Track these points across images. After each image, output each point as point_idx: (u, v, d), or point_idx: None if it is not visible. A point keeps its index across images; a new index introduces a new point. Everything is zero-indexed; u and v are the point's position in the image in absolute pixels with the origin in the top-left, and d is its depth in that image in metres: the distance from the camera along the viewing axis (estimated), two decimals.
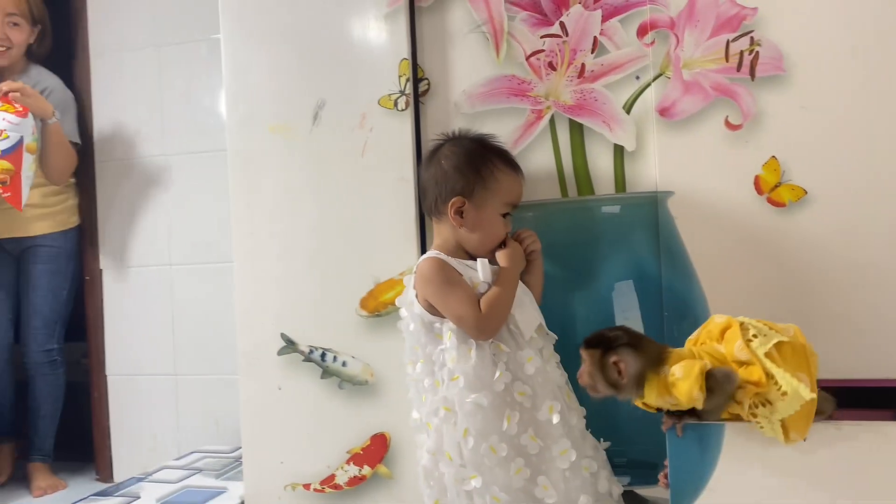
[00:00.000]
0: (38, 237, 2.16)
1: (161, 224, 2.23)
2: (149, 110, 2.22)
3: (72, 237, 2.21)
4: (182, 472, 1.86)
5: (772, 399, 1.02)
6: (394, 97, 1.45)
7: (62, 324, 2.22)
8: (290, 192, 1.55)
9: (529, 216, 1.40)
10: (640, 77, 1.34)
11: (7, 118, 1.97)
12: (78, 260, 2.25)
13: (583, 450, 1.23)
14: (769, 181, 1.27)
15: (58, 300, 2.19)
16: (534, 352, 1.23)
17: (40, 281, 2.18)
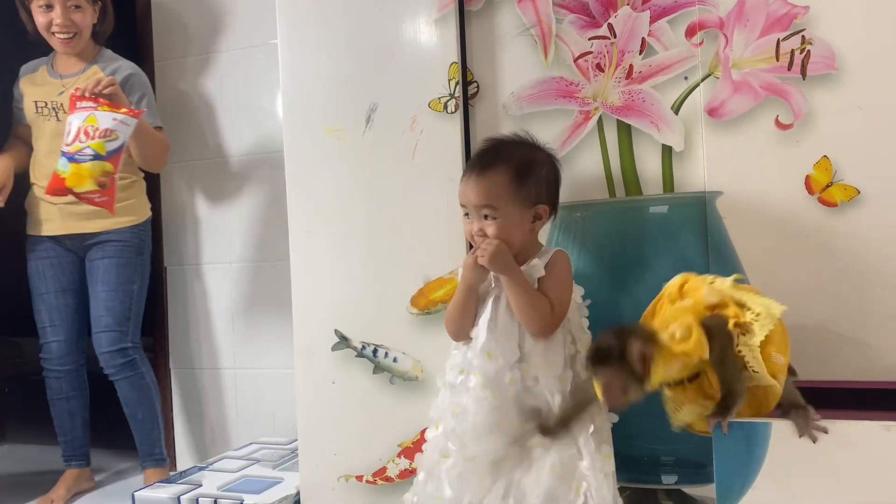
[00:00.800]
0: (103, 233, 2.08)
1: (221, 223, 2.32)
2: (209, 113, 2.31)
3: (138, 232, 2.13)
4: (241, 462, 1.93)
5: (749, 326, 1.03)
6: (444, 100, 1.49)
7: (136, 321, 2.12)
8: (343, 193, 1.60)
9: (577, 216, 1.42)
10: (688, 77, 1.34)
11: (119, 119, 1.88)
12: (148, 255, 2.18)
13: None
14: (820, 181, 1.26)
15: (128, 295, 2.09)
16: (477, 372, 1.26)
17: (108, 275, 2.08)
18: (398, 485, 1.55)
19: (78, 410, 2.16)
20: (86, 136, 1.85)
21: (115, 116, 1.87)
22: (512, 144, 1.31)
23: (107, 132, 1.86)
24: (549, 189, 1.28)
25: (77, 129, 1.85)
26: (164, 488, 1.75)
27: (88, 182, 1.85)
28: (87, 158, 1.84)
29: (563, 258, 1.27)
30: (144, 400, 2.10)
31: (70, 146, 1.85)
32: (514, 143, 1.31)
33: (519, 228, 1.26)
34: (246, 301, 2.31)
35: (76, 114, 1.87)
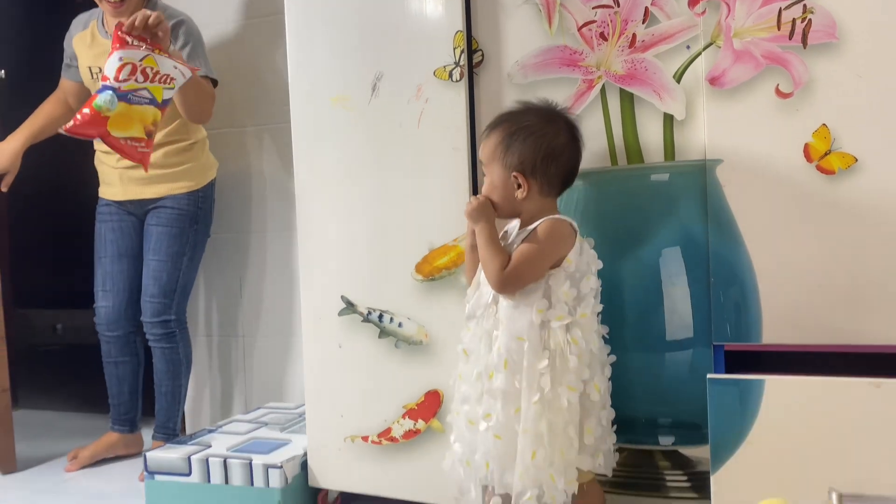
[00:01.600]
0: (160, 199, 2.08)
1: (229, 193, 2.35)
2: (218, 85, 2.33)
3: (196, 199, 2.10)
4: (250, 426, 1.98)
5: None
6: (449, 69, 1.50)
7: (183, 294, 2.12)
8: (349, 161, 1.62)
9: (580, 184, 1.44)
10: (690, 47, 1.36)
11: (179, 68, 1.71)
12: (206, 223, 2.16)
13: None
14: (819, 149, 1.28)
15: (177, 267, 2.08)
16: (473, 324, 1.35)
17: (159, 244, 2.07)
18: (402, 445, 1.59)
19: (126, 376, 2.19)
20: (143, 76, 1.65)
21: (175, 64, 1.71)
22: (529, 112, 1.34)
23: (167, 78, 1.69)
24: (536, 161, 1.30)
25: (132, 66, 1.64)
26: (174, 449, 1.80)
27: (137, 127, 1.66)
28: (143, 101, 1.65)
29: (548, 225, 1.30)
30: (173, 374, 2.13)
31: (123, 82, 1.63)
32: (531, 111, 1.34)
33: (502, 191, 1.32)
34: (255, 270, 2.35)
35: (127, 50, 1.65)
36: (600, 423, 1.31)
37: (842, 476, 1.08)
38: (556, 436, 1.25)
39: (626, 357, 1.42)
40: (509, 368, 1.27)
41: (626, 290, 1.43)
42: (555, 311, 1.27)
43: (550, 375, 1.25)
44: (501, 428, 1.27)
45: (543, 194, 1.33)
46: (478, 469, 1.31)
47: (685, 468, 1.41)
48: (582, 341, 1.27)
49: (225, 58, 2.31)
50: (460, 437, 1.35)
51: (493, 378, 1.28)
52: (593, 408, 1.29)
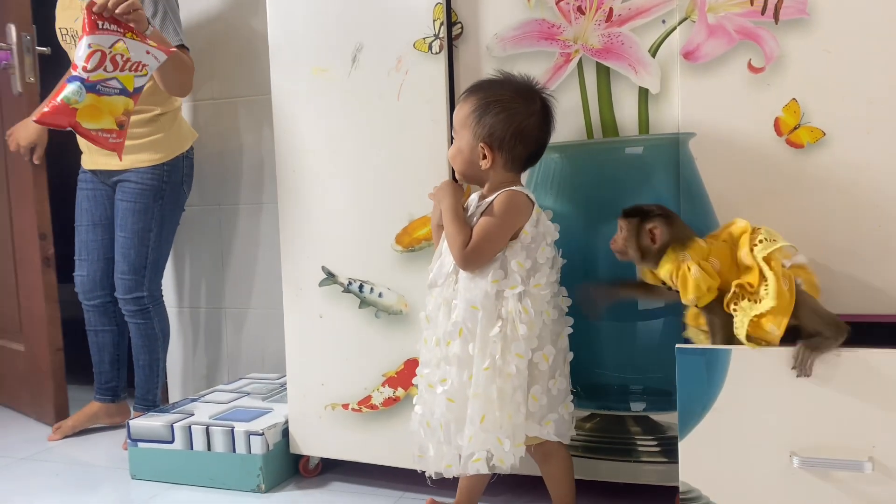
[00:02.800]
0: (126, 171, 2.02)
1: (208, 166, 2.35)
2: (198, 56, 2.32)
3: (161, 173, 2.03)
4: (232, 395, 2.00)
5: (756, 296, 1.16)
6: (428, 41, 1.51)
7: (154, 269, 2.09)
8: (330, 133, 1.63)
9: (556, 157, 1.47)
10: (665, 21, 1.37)
11: (152, 52, 1.63)
12: (173, 196, 2.09)
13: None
14: (789, 123, 1.31)
15: (144, 243, 2.04)
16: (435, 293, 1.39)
17: (125, 222, 2.03)
18: (382, 412, 1.63)
19: (106, 345, 2.19)
20: (113, 64, 1.58)
21: (147, 49, 1.62)
22: (508, 85, 1.35)
23: (138, 66, 1.61)
24: (505, 136, 1.31)
25: (101, 53, 1.57)
26: (157, 417, 1.83)
27: (107, 119, 1.60)
28: (112, 91, 1.59)
29: (504, 198, 1.32)
30: (150, 348, 2.12)
31: (91, 72, 1.56)
32: (510, 85, 1.35)
33: (468, 156, 1.35)
34: (241, 242, 2.36)
35: (97, 35, 1.57)
36: (549, 391, 1.34)
37: (803, 441, 1.13)
38: (504, 401, 1.28)
39: (600, 325, 1.46)
40: (464, 336, 1.31)
41: (600, 259, 1.46)
42: (508, 281, 1.31)
43: (501, 343, 1.29)
44: (455, 392, 1.31)
45: (507, 169, 1.35)
46: (435, 430, 1.35)
47: (655, 433, 1.45)
48: (532, 310, 1.30)
49: (207, 28, 2.30)
50: (420, 400, 1.40)
51: (450, 345, 1.32)
52: (541, 376, 1.33)
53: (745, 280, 1.17)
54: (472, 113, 1.33)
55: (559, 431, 1.36)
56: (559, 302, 1.38)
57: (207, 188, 2.36)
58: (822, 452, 1.12)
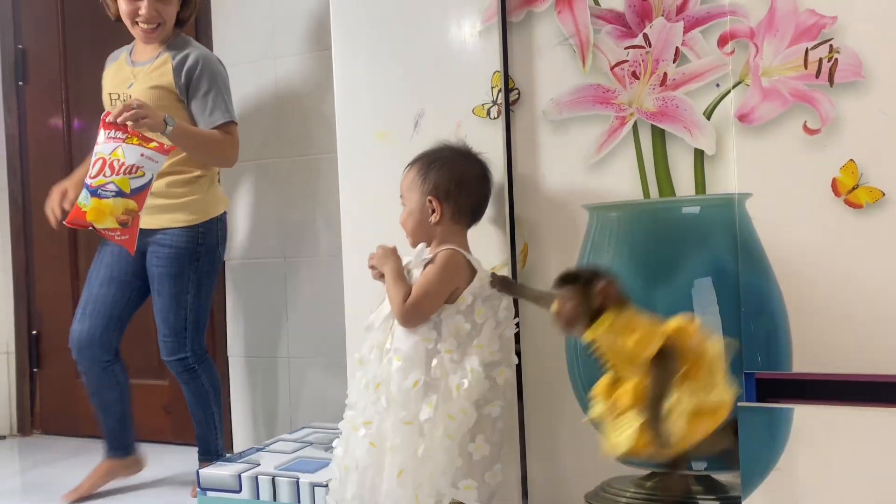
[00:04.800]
0: (158, 232, 2.01)
1: (276, 220, 2.45)
2: (267, 116, 2.44)
3: (196, 235, 2.03)
4: (295, 445, 2.06)
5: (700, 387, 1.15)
6: (487, 106, 1.58)
7: (196, 329, 2.07)
8: (392, 192, 1.69)
9: (613, 217, 1.50)
10: (720, 85, 1.41)
11: (147, 154, 1.77)
12: (210, 257, 2.08)
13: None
14: (847, 183, 1.32)
15: (182, 306, 2.03)
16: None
17: (162, 287, 2.03)
18: None
19: (110, 405, 2.11)
20: (111, 170, 1.75)
21: (142, 151, 1.77)
22: (446, 148, 1.49)
23: (132, 168, 1.76)
24: (450, 187, 1.43)
25: (102, 161, 1.76)
26: (225, 467, 1.89)
27: (109, 219, 1.76)
28: (109, 195, 1.75)
29: (443, 256, 1.40)
30: (203, 404, 2.12)
31: (94, 179, 1.76)
32: (448, 147, 1.49)
33: (418, 215, 1.46)
34: (300, 293, 2.44)
35: (103, 144, 1.77)
36: (471, 455, 1.34)
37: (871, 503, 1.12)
38: (426, 459, 1.30)
39: None
40: (385, 384, 1.36)
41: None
42: (444, 343, 1.35)
43: (425, 401, 1.32)
44: (377, 437, 1.34)
45: (455, 220, 1.44)
46: (350, 472, 1.38)
47: (717, 493, 1.44)
48: (469, 375, 1.33)
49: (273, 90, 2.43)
50: (342, 442, 1.43)
51: (378, 389, 1.36)
52: (464, 439, 1.34)
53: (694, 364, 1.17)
54: (417, 174, 1.44)
55: (481, 497, 1.35)
56: (498, 372, 1.39)
57: (274, 242, 2.46)
58: None
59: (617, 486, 1.51)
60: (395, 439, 1.33)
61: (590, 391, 1.51)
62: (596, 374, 1.49)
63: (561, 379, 1.54)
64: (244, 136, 2.45)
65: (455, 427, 1.31)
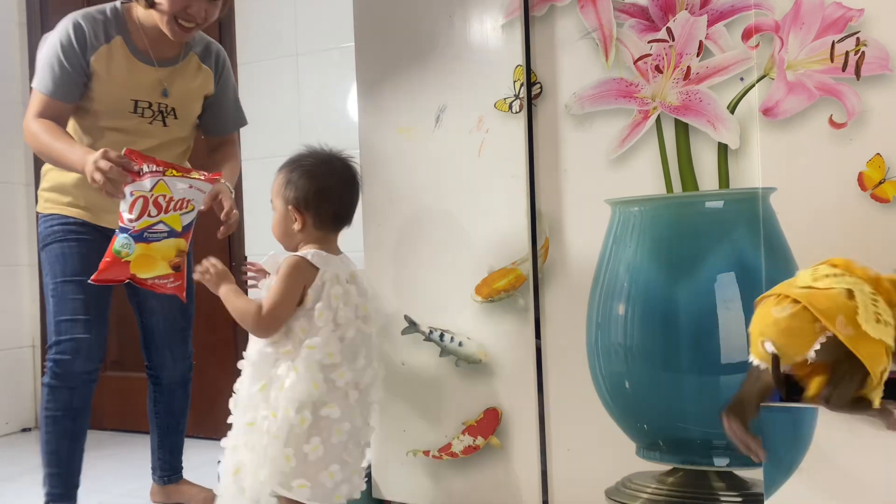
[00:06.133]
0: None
1: None
2: (288, 112, 2.46)
3: None
4: None
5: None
6: (509, 101, 1.58)
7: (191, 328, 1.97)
8: (414, 188, 1.71)
9: (636, 211, 1.49)
10: (744, 78, 1.40)
11: (196, 185, 1.56)
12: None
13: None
14: (873, 177, 1.31)
15: (174, 327, 1.91)
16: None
17: (150, 304, 1.86)
18: (462, 460, 1.66)
19: (81, 434, 1.77)
20: (156, 208, 1.51)
21: (191, 183, 1.55)
22: (310, 155, 1.47)
23: (182, 203, 1.54)
24: (309, 197, 1.42)
25: (143, 199, 1.49)
26: None
27: (160, 265, 1.53)
28: (160, 236, 1.52)
29: (285, 263, 1.39)
30: (186, 413, 2.01)
31: (136, 221, 1.49)
32: (312, 154, 1.48)
33: (283, 224, 1.45)
34: None
35: (142, 181, 1.50)
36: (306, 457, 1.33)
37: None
38: (257, 458, 1.32)
39: (682, 379, 1.46)
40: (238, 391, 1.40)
41: (681, 313, 1.47)
42: (284, 346, 1.36)
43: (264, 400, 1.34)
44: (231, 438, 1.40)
45: (317, 228, 1.44)
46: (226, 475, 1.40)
47: (740, 489, 1.43)
48: (293, 374, 1.33)
49: (295, 86, 2.44)
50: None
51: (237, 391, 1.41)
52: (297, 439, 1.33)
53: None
54: (282, 182, 1.44)
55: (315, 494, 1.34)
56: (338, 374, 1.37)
57: None
58: None
59: (638, 482, 1.50)
60: (237, 440, 1.37)
61: (611, 385, 1.51)
62: (617, 369, 1.50)
63: (582, 374, 1.54)
64: (266, 133, 2.48)
65: (278, 426, 1.31)
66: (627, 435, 1.51)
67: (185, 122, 1.83)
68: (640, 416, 1.50)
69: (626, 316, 1.50)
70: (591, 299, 1.53)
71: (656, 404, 1.42)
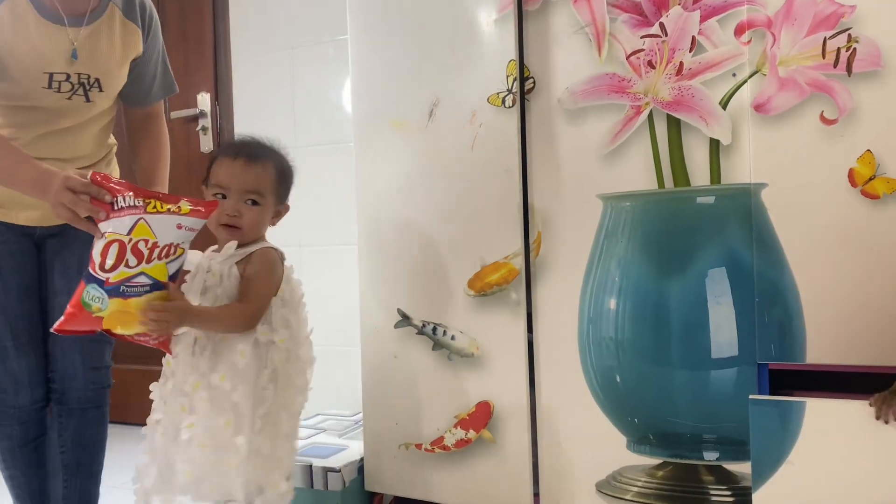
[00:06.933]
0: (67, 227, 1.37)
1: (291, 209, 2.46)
2: (282, 105, 2.46)
3: None
4: (309, 431, 2.07)
5: None
6: (502, 95, 1.58)
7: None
8: (407, 181, 1.71)
9: (627, 206, 1.50)
10: (736, 74, 1.40)
11: (186, 224, 1.22)
12: None
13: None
14: (863, 174, 1.31)
15: None
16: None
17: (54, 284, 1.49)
18: (454, 453, 1.67)
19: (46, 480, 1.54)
20: (136, 256, 1.18)
21: (178, 222, 1.20)
22: (268, 147, 1.44)
23: (170, 249, 1.21)
24: (287, 192, 1.45)
25: (118, 244, 1.18)
26: None
27: (139, 322, 1.21)
28: (141, 291, 1.20)
29: (263, 258, 1.36)
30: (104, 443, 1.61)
31: (111, 272, 1.18)
32: (269, 146, 1.44)
33: (266, 219, 1.41)
34: (314, 282, 2.45)
35: (112, 219, 1.20)
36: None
37: (882, 498, 1.11)
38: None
39: (672, 373, 1.47)
40: None
41: (672, 308, 1.47)
42: (275, 334, 1.35)
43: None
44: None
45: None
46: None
47: (729, 483, 1.44)
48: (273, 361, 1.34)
49: (289, 79, 2.44)
50: None
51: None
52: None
53: None
54: (275, 180, 1.39)
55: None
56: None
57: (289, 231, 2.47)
58: None
59: (628, 476, 1.51)
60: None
61: (601, 379, 1.52)
62: (608, 363, 1.50)
63: (573, 368, 1.55)
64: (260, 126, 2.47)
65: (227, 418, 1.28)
66: (618, 428, 1.52)
67: (112, 93, 1.49)
68: (630, 410, 1.51)
69: (617, 310, 1.50)
70: (583, 294, 1.54)
71: (647, 398, 1.43)
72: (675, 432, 1.48)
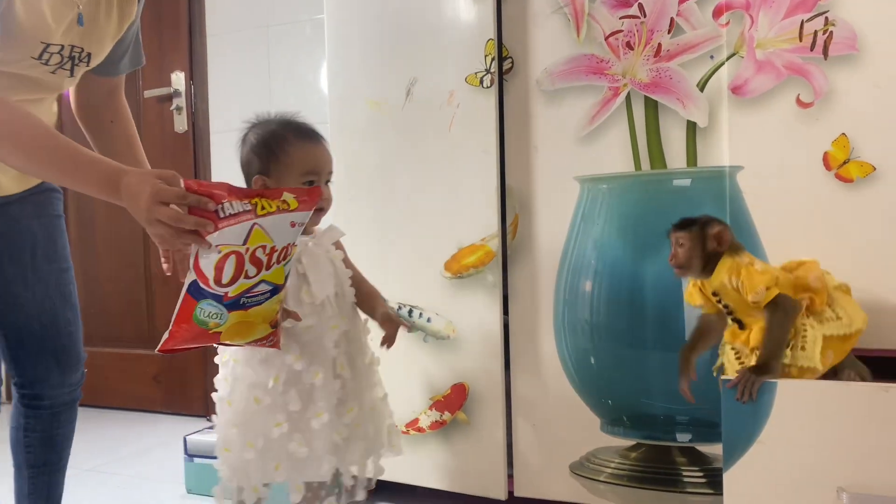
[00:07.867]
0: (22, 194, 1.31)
1: None
2: (258, 84, 2.42)
3: (59, 195, 1.41)
4: None
5: (825, 317, 1.18)
6: (480, 75, 1.56)
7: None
8: (384, 162, 1.69)
9: (604, 188, 1.50)
10: (714, 56, 1.40)
11: (298, 220, 1.09)
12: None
13: (339, 418, 1.27)
14: (838, 157, 1.32)
15: (58, 321, 1.36)
16: (315, 320, 1.26)
17: (55, 247, 1.37)
18: (429, 435, 1.66)
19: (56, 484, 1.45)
20: (255, 265, 1.07)
21: (291, 219, 1.08)
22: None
23: (287, 250, 1.10)
24: None
25: (236, 256, 1.05)
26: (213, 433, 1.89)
27: (261, 328, 1.14)
28: (262, 299, 1.10)
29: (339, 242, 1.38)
30: (70, 440, 1.48)
31: (230, 286, 1.06)
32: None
33: None
34: None
35: (223, 230, 1.03)
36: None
37: (851, 477, 1.12)
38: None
39: (646, 355, 1.47)
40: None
41: (647, 291, 1.48)
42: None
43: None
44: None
45: None
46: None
47: (701, 464, 1.45)
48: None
49: (265, 58, 2.40)
50: None
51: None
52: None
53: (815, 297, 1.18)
54: (271, 161, 1.27)
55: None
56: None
57: None
58: (872, 489, 1.11)
59: (601, 457, 1.52)
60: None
61: (576, 362, 1.52)
62: (583, 346, 1.50)
63: (549, 350, 1.55)
64: (237, 105, 2.44)
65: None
66: (592, 410, 1.52)
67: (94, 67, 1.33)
68: (604, 392, 1.51)
69: (592, 293, 1.50)
70: (559, 276, 1.54)
71: (621, 380, 1.43)
72: (648, 414, 1.48)
